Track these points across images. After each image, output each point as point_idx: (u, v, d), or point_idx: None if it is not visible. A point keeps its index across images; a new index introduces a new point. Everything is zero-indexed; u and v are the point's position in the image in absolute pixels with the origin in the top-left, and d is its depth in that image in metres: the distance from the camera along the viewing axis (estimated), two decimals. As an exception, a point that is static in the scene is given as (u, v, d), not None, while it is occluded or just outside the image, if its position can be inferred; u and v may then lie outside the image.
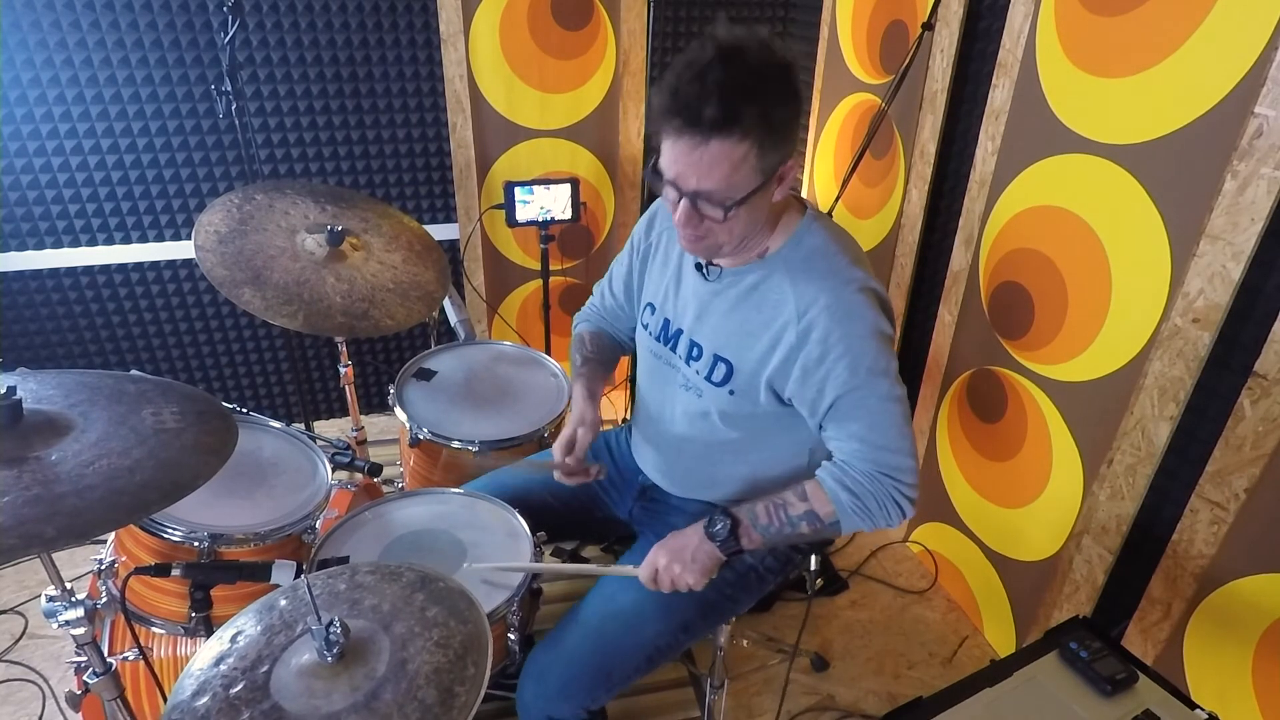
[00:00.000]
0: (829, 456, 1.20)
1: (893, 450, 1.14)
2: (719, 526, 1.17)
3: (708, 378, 1.24)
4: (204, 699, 0.88)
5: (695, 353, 1.26)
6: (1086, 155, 1.57)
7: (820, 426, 1.19)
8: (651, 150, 2.51)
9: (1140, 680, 1.09)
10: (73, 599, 1.06)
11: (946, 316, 2.05)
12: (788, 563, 1.38)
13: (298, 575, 1.12)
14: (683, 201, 1.05)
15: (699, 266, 1.24)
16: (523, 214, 2.42)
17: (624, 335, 1.55)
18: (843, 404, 1.13)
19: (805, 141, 2.70)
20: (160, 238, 2.37)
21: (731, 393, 1.22)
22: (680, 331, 1.29)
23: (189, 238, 1.68)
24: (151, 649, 1.40)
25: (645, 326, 1.37)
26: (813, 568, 1.39)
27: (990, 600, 2.02)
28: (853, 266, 1.13)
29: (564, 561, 1.88)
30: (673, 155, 1.02)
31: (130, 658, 1.37)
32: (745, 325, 1.19)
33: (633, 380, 2.57)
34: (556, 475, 1.33)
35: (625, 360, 2.89)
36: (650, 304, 1.36)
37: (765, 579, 1.36)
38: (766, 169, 1.03)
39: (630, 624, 1.24)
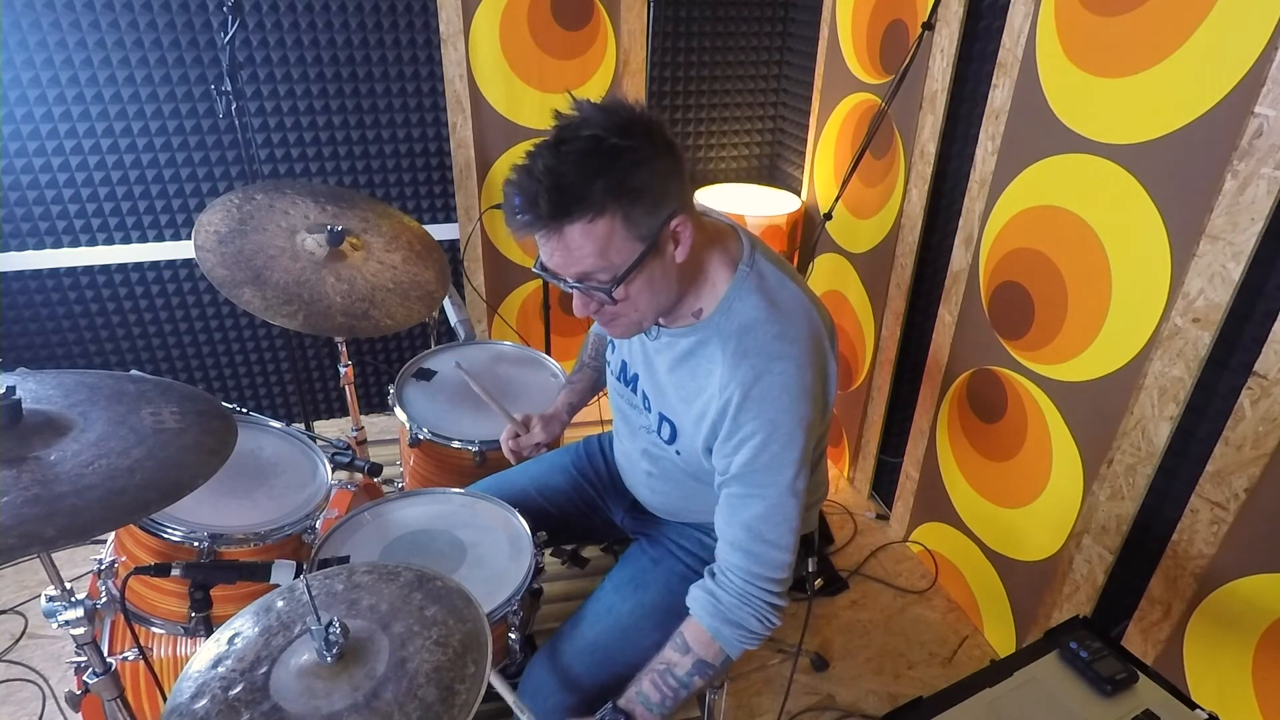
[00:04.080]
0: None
1: (776, 546, 1.07)
2: None
3: (657, 432, 1.22)
4: (203, 701, 0.87)
5: (646, 404, 1.24)
6: (1086, 155, 1.57)
7: (718, 495, 1.13)
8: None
9: (1140, 680, 1.09)
10: (73, 599, 1.06)
11: (946, 316, 2.05)
12: None
13: (297, 575, 1.12)
14: (575, 292, 1.01)
15: None
16: (523, 214, 2.42)
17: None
18: (740, 485, 1.08)
19: (805, 141, 2.70)
20: (160, 238, 2.37)
21: (679, 453, 1.20)
22: (636, 376, 1.26)
23: (189, 238, 1.68)
24: (151, 649, 1.40)
25: (609, 365, 1.35)
26: (811, 569, 1.39)
27: (990, 600, 2.02)
28: (780, 341, 1.04)
29: (564, 563, 1.88)
30: (541, 251, 0.99)
31: (130, 658, 1.37)
32: (681, 390, 1.14)
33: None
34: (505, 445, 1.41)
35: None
36: (612, 343, 1.33)
37: None
38: (645, 235, 0.96)
39: (627, 636, 1.23)
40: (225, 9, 1.78)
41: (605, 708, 1.11)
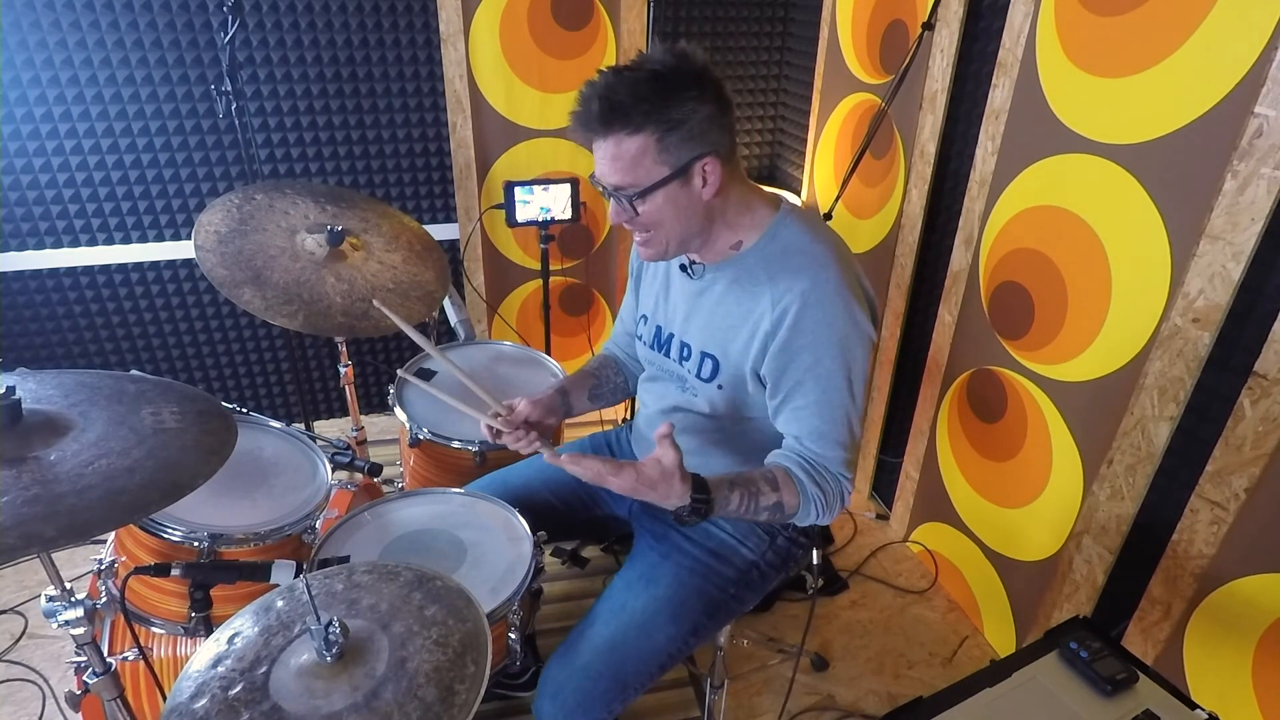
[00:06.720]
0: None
1: (843, 445, 1.16)
2: (687, 516, 1.07)
3: (698, 375, 1.27)
4: (202, 701, 0.87)
5: (685, 352, 1.29)
6: (1086, 155, 1.56)
7: (777, 412, 1.20)
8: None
9: (1140, 680, 1.09)
10: (72, 599, 1.06)
11: (946, 316, 2.05)
12: (788, 559, 1.39)
13: (297, 575, 1.12)
14: (612, 199, 1.13)
15: (683, 267, 1.27)
16: (523, 214, 2.42)
17: (634, 362, 1.54)
18: (801, 393, 1.15)
19: (805, 141, 2.70)
20: (160, 238, 2.37)
21: (720, 387, 1.24)
22: (671, 335, 1.32)
23: (189, 238, 1.68)
24: (151, 649, 1.40)
25: (640, 338, 1.40)
26: (815, 561, 1.39)
27: (990, 600, 2.02)
28: (830, 255, 1.14)
29: (564, 563, 1.88)
30: (595, 157, 1.11)
31: (130, 658, 1.37)
32: (727, 319, 1.21)
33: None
34: (484, 427, 1.30)
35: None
36: (644, 315, 1.39)
37: (767, 575, 1.37)
38: (673, 162, 1.07)
39: (643, 632, 1.24)
40: (225, 9, 1.78)
41: (692, 475, 1.07)
